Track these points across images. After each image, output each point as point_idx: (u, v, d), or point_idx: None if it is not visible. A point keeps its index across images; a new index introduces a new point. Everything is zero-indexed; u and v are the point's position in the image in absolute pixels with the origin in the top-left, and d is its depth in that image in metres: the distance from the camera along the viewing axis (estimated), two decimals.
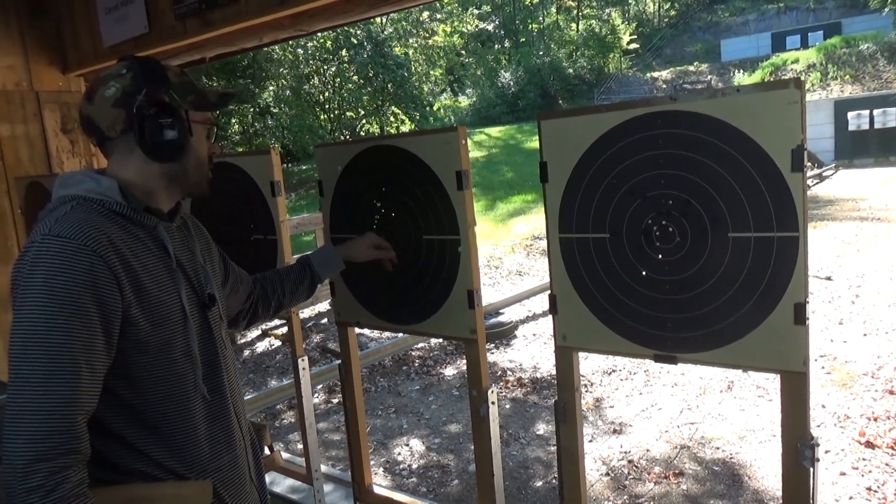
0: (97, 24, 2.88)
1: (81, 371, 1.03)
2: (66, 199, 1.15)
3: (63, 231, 1.06)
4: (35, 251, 1.05)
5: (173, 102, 1.19)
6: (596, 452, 4.06)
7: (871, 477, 3.50)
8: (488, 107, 29.32)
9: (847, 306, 6.40)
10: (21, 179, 3.02)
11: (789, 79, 1.19)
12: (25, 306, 1.03)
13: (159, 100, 1.17)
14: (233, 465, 1.29)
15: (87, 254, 1.05)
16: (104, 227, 1.10)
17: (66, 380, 1.01)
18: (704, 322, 1.33)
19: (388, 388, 5.52)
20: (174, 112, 1.19)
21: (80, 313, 1.03)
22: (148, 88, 1.17)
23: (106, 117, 1.17)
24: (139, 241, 1.16)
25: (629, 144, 1.38)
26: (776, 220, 1.22)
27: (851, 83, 20.12)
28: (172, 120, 1.18)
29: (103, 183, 1.16)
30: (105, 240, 1.08)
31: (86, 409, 1.05)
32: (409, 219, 1.75)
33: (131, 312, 1.10)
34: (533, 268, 9.57)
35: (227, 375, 1.31)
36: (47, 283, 1.02)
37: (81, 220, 1.09)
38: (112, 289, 1.07)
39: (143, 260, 1.15)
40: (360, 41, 19.55)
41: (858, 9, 28.32)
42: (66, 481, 0.99)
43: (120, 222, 1.15)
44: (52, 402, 1.00)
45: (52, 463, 0.99)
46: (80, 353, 1.03)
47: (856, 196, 13.04)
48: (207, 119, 1.27)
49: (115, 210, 1.15)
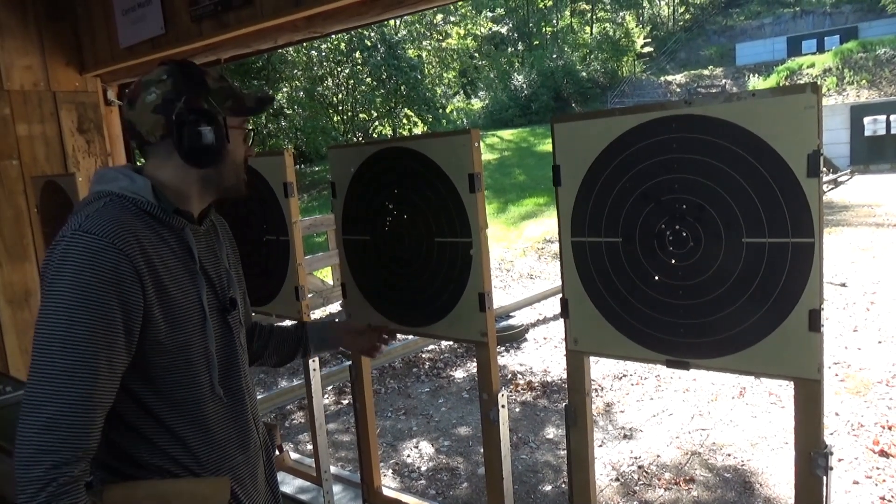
0: (114, 26, 2.91)
1: (100, 367, 1.04)
2: (102, 194, 1.16)
3: (93, 227, 1.07)
4: (65, 246, 1.07)
5: (212, 109, 1.20)
6: (606, 457, 4.04)
7: (885, 486, 3.46)
8: (501, 109, 29.30)
9: (862, 313, 6.34)
10: (37, 179, 3.05)
11: (805, 83, 1.18)
12: (51, 300, 1.04)
13: (198, 106, 1.19)
14: (246, 464, 1.31)
15: (113, 252, 1.06)
16: (133, 225, 1.12)
17: (84, 375, 1.02)
18: (718, 328, 1.32)
19: (398, 390, 5.53)
20: (212, 118, 1.20)
21: (103, 310, 1.04)
22: (188, 95, 1.18)
23: (146, 123, 1.19)
24: (165, 241, 1.17)
25: (643, 148, 1.37)
26: (791, 226, 1.21)
27: (868, 88, 19.95)
28: (211, 127, 1.19)
29: (138, 182, 1.18)
30: (132, 239, 1.09)
31: (102, 406, 1.06)
32: (421, 221, 1.75)
33: (152, 312, 1.11)
34: (544, 271, 9.55)
35: (245, 378, 1.32)
36: (73, 279, 1.04)
37: (112, 217, 1.10)
38: (135, 288, 1.08)
39: (167, 261, 1.16)
40: (373, 43, 19.62)
41: (876, 13, 28.07)
42: (63, 477, 1.00)
43: (149, 222, 1.16)
44: (68, 395, 1.01)
45: (56, 456, 0.99)
46: (100, 350, 1.04)
47: (871, 202, 12.91)
48: (244, 123, 1.28)
49: (145, 209, 1.16)
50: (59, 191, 2.86)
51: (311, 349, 1.65)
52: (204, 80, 1.21)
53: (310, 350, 1.65)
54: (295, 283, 2.17)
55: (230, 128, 1.24)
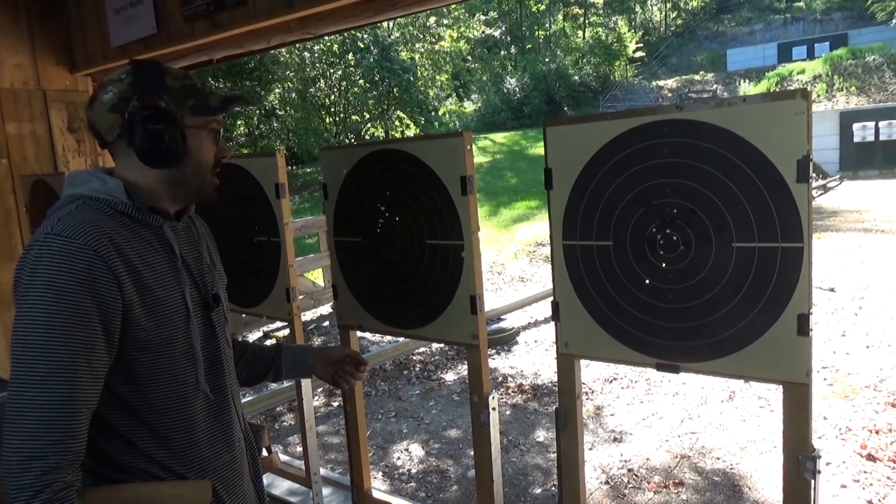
0: (106, 25, 2.89)
1: (80, 369, 1.03)
2: (74, 198, 1.16)
3: (65, 230, 1.07)
4: (37, 250, 1.06)
5: (169, 108, 1.18)
6: (596, 460, 4.05)
7: (872, 490, 3.48)
8: (493, 112, 29.36)
9: (850, 318, 6.38)
10: (26, 177, 3.03)
11: (795, 89, 1.19)
12: (26, 305, 1.04)
13: (153, 105, 1.16)
14: (231, 464, 1.30)
15: (87, 253, 1.05)
16: (107, 226, 1.11)
17: (65, 378, 1.02)
18: (707, 331, 1.33)
19: (389, 392, 5.52)
20: (168, 117, 1.17)
21: (78, 312, 1.04)
22: (141, 94, 1.16)
23: (104, 122, 1.17)
24: (144, 240, 1.17)
25: (634, 152, 1.38)
26: (780, 231, 1.22)
27: (857, 95, 20.13)
28: (164, 126, 1.16)
29: (109, 183, 1.17)
30: (106, 239, 1.08)
31: (86, 408, 1.05)
32: (413, 223, 1.75)
33: (133, 312, 1.10)
34: (536, 274, 9.57)
35: (229, 375, 1.32)
36: (47, 282, 1.03)
37: (84, 219, 1.09)
38: (112, 288, 1.07)
39: (148, 259, 1.15)
40: (366, 45, 19.62)
41: (865, 20, 28.33)
42: (55, 483, 0.99)
43: (125, 222, 1.15)
44: (51, 400, 1.00)
45: (45, 462, 0.99)
46: (79, 352, 1.03)
47: (860, 207, 13.01)
48: (210, 123, 1.24)
49: (120, 210, 1.16)
50: (49, 190, 2.85)
51: (283, 373, 1.58)
52: (162, 78, 1.18)
53: (281, 373, 1.58)
54: (286, 285, 2.17)
55: (191, 127, 1.20)
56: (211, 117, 1.24)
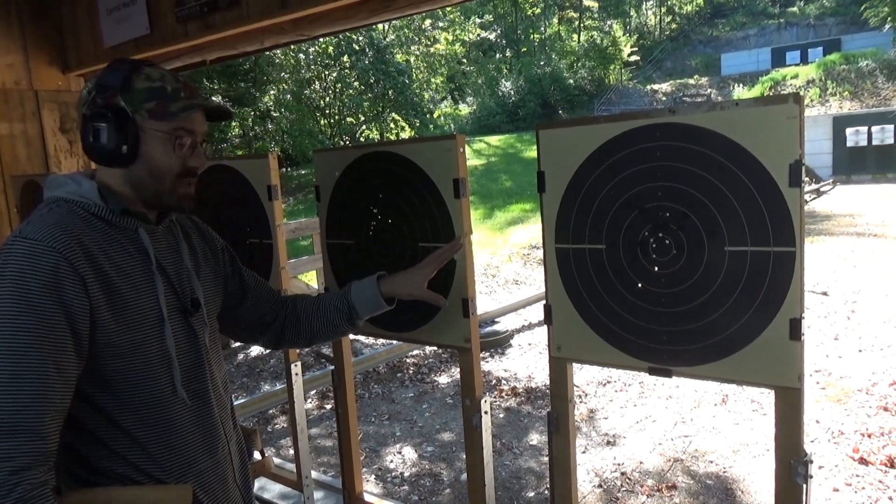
0: (98, 25, 2.88)
1: (48, 371, 1.02)
2: (50, 200, 1.16)
3: (32, 233, 1.07)
4: (5, 253, 1.06)
5: (126, 108, 1.15)
6: (589, 464, 4.04)
7: (864, 494, 3.49)
8: (488, 115, 29.37)
9: (843, 322, 6.41)
10: (17, 178, 3.02)
11: (788, 94, 1.19)
12: None
13: (109, 104, 1.15)
14: (214, 469, 1.28)
15: (52, 255, 1.05)
16: (76, 229, 1.10)
17: (31, 380, 1.01)
18: (700, 335, 1.33)
19: (382, 395, 5.51)
20: (118, 116, 1.15)
21: (44, 314, 1.03)
22: (98, 91, 1.16)
23: (77, 119, 1.20)
24: (117, 243, 1.16)
25: (627, 156, 1.38)
26: (773, 235, 1.22)
27: (850, 99, 20.22)
28: (108, 124, 1.14)
29: (84, 185, 1.17)
30: (73, 241, 1.08)
31: (55, 410, 1.04)
32: (406, 226, 1.75)
33: (100, 315, 1.09)
34: (530, 277, 9.57)
35: (212, 381, 1.30)
36: (13, 284, 1.03)
37: (52, 222, 1.09)
38: (77, 290, 1.06)
39: (118, 262, 1.14)
40: (361, 47, 19.61)
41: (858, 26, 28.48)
42: (26, 481, 0.98)
43: (97, 225, 1.15)
44: (17, 402, 0.99)
45: (13, 462, 0.98)
46: (46, 354, 1.02)
47: (853, 212, 13.08)
48: (177, 131, 1.19)
49: (92, 212, 1.15)
50: (39, 190, 2.82)
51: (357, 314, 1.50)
52: (129, 77, 1.16)
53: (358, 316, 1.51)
54: (278, 287, 2.15)
55: (149, 130, 1.17)
56: (177, 124, 1.19)
